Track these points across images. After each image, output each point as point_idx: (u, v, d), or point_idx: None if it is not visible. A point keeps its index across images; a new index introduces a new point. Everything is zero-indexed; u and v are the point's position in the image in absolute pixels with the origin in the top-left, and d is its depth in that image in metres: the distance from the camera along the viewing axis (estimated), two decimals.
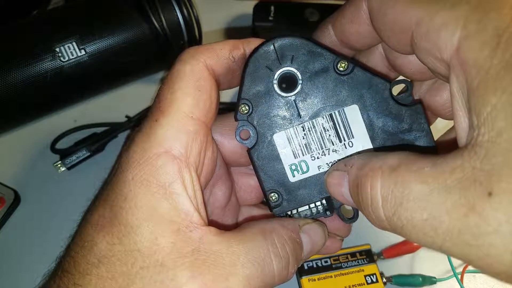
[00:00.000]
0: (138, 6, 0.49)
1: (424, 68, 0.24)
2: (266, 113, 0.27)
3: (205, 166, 0.27)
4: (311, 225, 0.28)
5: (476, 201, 0.16)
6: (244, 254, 0.24)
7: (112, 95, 0.55)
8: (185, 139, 0.24)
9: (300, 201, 0.28)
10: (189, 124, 0.24)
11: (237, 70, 0.27)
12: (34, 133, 0.53)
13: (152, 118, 0.25)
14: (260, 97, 0.27)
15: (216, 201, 0.30)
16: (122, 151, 0.26)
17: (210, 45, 0.27)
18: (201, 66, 0.26)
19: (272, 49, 0.26)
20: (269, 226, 0.26)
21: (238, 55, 0.27)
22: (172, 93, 0.25)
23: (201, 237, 0.23)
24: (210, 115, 0.26)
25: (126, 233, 0.23)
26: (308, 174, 0.27)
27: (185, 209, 0.23)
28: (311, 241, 0.27)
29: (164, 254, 0.22)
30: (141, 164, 0.23)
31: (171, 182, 0.23)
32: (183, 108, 0.24)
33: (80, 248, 0.24)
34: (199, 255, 0.23)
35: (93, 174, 0.50)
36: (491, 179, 0.15)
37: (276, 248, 0.25)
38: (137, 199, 0.23)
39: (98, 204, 0.25)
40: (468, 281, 0.42)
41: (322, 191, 0.27)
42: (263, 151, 0.27)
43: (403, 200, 0.18)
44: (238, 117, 0.27)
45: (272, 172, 0.27)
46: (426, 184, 0.18)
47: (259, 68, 0.26)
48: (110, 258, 0.22)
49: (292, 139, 0.27)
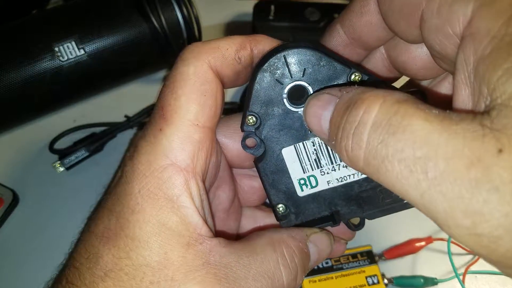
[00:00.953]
0: (137, 5, 0.49)
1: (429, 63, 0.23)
2: (275, 127, 0.26)
3: (209, 170, 0.26)
4: (318, 234, 0.28)
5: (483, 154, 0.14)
6: (254, 267, 0.23)
7: (111, 95, 0.55)
8: (191, 149, 0.24)
9: (308, 215, 0.27)
10: (194, 132, 0.24)
11: (243, 72, 0.26)
12: (33, 133, 0.52)
13: (156, 126, 0.24)
14: (269, 111, 0.26)
15: (220, 204, 0.30)
16: (126, 159, 0.25)
17: (215, 43, 0.25)
18: (205, 67, 0.24)
19: (283, 61, 0.25)
20: (277, 237, 0.26)
21: (245, 56, 0.25)
22: (176, 99, 0.24)
23: (211, 249, 0.23)
24: (216, 119, 0.25)
25: (134, 247, 0.22)
26: (317, 188, 0.27)
27: (194, 222, 0.23)
28: (318, 251, 0.27)
29: (174, 268, 0.22)
30: (148, 177, 0.23)
31: (178, 195, 0.23)
32: (188, 116, 0.24)
33: (85, 260, 0.23)
34: (209, 268, 0.23)
35: (92, 174, 0.50)
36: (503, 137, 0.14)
37: (285, 260, 0.25)
38: (145, 213, 0.23)
39: (102, 214, 0.24)
40: (469, 282, 0.42)
41: (331, 205, 0.27)
42: (272, 165, 0.27)
43: (398, 129, 0.16)
44: (245, 128, 0.26)
45: (281, 186, 0.27)
46: (430, 123, 0.16)
47: (268, 80, 0.25)
48: (118, 272, 0.22)
49: (301, 153, 0.26)
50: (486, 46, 0.16)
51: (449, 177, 0.15)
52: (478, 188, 0.14)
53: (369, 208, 0.27)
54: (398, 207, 0.26)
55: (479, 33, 0.17)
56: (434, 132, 0.15)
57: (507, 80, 0.15)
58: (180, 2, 0.50)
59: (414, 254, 0.43)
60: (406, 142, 0.16)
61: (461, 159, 0.14)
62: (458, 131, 0.15)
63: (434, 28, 0.20)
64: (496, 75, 0.15)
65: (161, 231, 0.22)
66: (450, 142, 0.15)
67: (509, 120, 0.14)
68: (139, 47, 0.50)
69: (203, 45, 0.25)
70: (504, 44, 0.16)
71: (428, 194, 0.15)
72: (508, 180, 0.14)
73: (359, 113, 0.18)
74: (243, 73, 0.26)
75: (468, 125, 0.15)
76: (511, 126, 0.14)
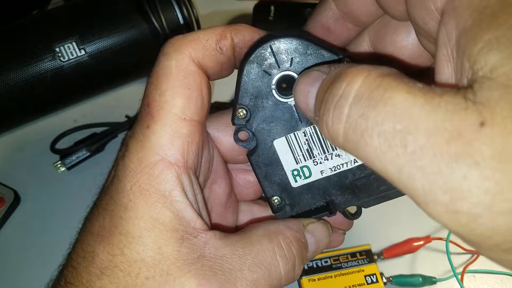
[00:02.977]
0: (138, 6, 0.49)
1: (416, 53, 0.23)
2: (266, 119, 0.26)
3: (203, 164, 0.26)
4: (315, 224, 0.28)
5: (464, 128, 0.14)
6: (250, 258, 0.23)
7: (112, 95, 0.55)
8: (180, 143, 0.23)
9: (303, 205, 0.27)
10: (182, 126, 0.24)
11: (226, 62, 0.26)
12: (34, 133, 0.53)
13: (144, 124, 0.24)
14: (258, 103, 0.26)
15: (217, 199, 0.29)
16: (118, 158, 0.25)
17: (195, 35, 0.25)
18: (186, 60, 0.24)
19: (270, 52, 0.25)
20: (273, 228, 0.26)
21: (226, 46, 0.25)
22: (161, 95, 0.24)
23: (206, 242, 0.23)
24: (204, 112, 0.25)
25: (128, 243, 0.22)
26: (310, 179, 0.27)
27: (187, 216, 0.23)
28: (316, 241, 0.27)
29: (169, 263, 0.22)
30: (138, 174, 0.23)
31: (170, 190, 0.23)
32: (174, 111, 0.23)
33: (81, 259, 0.23)
34: (205, 261, 0.23)
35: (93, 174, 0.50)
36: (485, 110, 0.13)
37: (282, 250, 0.25)
38: (138, 209, 0.23)
39: (97, 213, 0.24)
40: (468, 281, 0.42)
41: (326, 195, 0.27)
42: (264, 157, 0.27)
43: (379, 102, 0.15)
44: (236, 121, 0.26)
45: (274, 178, 0.27)
46: (413, 95, 0.15)
47: (256, 72, 0.25)
48: (113, 269, 0.22)
49: (293, 144, 0.26)
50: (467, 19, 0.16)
51: (428, 151, 0.14)
52: (458, 163, 0.14)
53: (364, 196, 0.27)
54: (393, 194, 0.26)
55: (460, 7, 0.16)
56: (416, 105, 0.15)
57: (488, 52, 0.14)
58: (180, 3, 0.50)
59: (412, 253, 0.43)
60: (387, 114, 0.15)
61: (442, 133, 0.14)
62: (441, 104, 0.14)
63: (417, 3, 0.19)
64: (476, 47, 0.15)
65: (154, 226, 0.22)
66: (432, 115, 0.14)
67: (492, 92, 0.14)
68: (140, 48, 0.50)
69: (183, 38, 0.25)
70: (486, 16, 0.15)
71: (407, 169, 0.15)
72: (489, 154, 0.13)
73: (342, 86, 0.17)
74: (227, 63, 0.26)
75: (451, 98, 0.14)
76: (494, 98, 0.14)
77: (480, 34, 0.15)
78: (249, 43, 0.26)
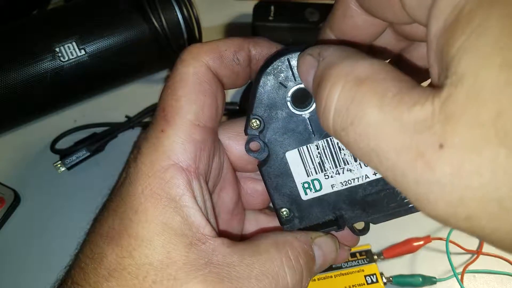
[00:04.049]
0: (138, 6, 0.49)
1: None
2: (279, 131, 0.26)
3: (212, 170, 0.26)
4: (323, 238, 0.27)
5: (426, 150, 0.15)
6: (258, 267, 0.23)
7: (112, 95, 0.55)
8: (193, 149, 0.24)
9: (312, 219, 0.27)
10: (196, 133, 0.24)
11: (241, 73, 0.26)
12: (34, 133, 0.53)
13: (158, 127, 0.24)
14: (272, 114, 0.26)
15: (224, 206, 0.29)
16: (130, 160, 0.25)
17: (214, 44, 0.25)
18: (204, 68, 0.24)
19: (287, 65, 0.25)
20: (282, 238, 0.26)
21: (243, 57, 0.26)
22: (177, 100, 0.24)
23: (214, 249, 0.23)
24: (217, 119, 0.26)
25: (137, 246, 0.22)
26: (321, 192, 0.27)
27: (197, 221, 0.23)
28: (324, 254, 0.27)
29: (177, 267, 0.22)
30: (150, 177, 0.23)
31: (181, 195, 0.23)
32: (189, 117, 0.24)
33: (90, 260, 0.23)
34: (212, 267, 0.22)
35: (93, 174, 0.50)
36: (446, 130, 0.14)
37: (290, 261, 0.25)
38: (148, 213, 0.23)
39: (107, 214, 0.24)
40: (468, 281, 0.42)
41: (335, 209, 0.27)
42: (275, 169, 0.27)
43: (355, 120, 0.17)
44: (249, 131, 0.26)
45: (284, 189, 0.27)
46: (383, 113, 0.16)
47: (272, 83, 0.25)
48: (121, 272, 0.22)
49: (305, 157, 0.26)
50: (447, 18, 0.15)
51: (399, 169, 0.16)
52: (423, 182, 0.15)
53: (374, 212, 0.27)
54: (403, 211, 0.26)
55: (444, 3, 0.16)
56: (385, 123, 0.16)
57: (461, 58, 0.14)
58: (180, 3, 0.50)
59: (412, 253, 0.43)
60: (361, 133, 0.17)
61: (409, 152, 0.15)
62: (409, 120, 0.15)
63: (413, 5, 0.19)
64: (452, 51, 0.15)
65: (164, 231, 0.22)
66: (400, 135, 0.15)
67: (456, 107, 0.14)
68: (140, 48, 0.50)
69: (202, 46, 0.25)
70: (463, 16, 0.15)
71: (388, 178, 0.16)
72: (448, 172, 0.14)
73: (324, 94, 0.19)
74: (242, 74, 0.26)
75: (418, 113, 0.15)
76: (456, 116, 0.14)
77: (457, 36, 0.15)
78: (266, 56, 0.26)
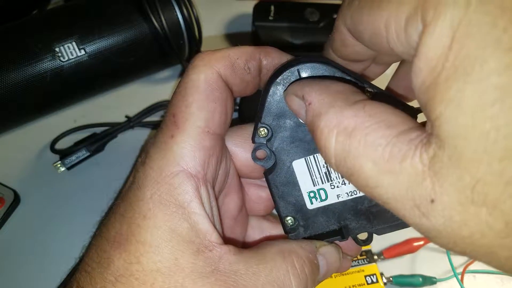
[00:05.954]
0: (138, 6, 0.49)
1: None
2: (286, 140, 0.26)
3: (219, 176, 0.26)
4: (327, 247, 0.28)
5: (421, 202, 0.16)
6: (264, 275, 0.23)
7: (112, 95, 0.55)
8: (202, 156, 0.24)
9: (317, 228, 0.27)
10: (205, 139, 0.24)
11: (251, 81, 0.27)
12: (33, 133, 0.53)
13: (168, 133, 0.24)
14: (280, 123, 0.26)
15: (228, 212, 0.29)
16: (138, 165, 0.25)
17: (225, 52, 0.26)
18: (215, 75, 0.25)
19: (296, 75, 0.25)
20: (287, 247, 0.26)
21: (254, 66, 0.26)
22: (187, 106, 0.24)
23: (221, 256, 0.23)
24: (226, 126, 0.26)
25: (145, 252, 0.22)
26: (326, 202, 0.27)
27: (204, 228, 0.23)
28: (327, 264, 0.27)
29: (184, 275, 0.22)
30: (159, 183, 0.23)
31: (189, 202, 0.23)
32: (199, 123, 0.24)
33: (96, 264, 0.23)
34: (219, 275, 0.23)
35: (93, 174, 0.50)
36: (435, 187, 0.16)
37: (295, 269, 0.25)
38: (156, 219, 0.23)
39: (114, 219, 0.24)
40: (468, 281, 0.42)
41: (340, 219, 0.27)
42: (282, 177, 0.27)
43: (354, 172, 0.18)
44: (256, 139, 0.26)
45: (290, 198, 0.27)
46: (377, 166, 0.17)
47: (281, 93, 0.25)
48: (128, 278, 0.22)
49: (312, 166, 0.26)
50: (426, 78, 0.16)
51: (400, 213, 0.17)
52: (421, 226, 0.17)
53: (379, 223, 0.27)
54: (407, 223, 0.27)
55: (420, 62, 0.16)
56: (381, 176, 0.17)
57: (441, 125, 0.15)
58: (180, 2, 0.50)
59: (412, 254, 0.43)
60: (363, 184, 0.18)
61: (406, 202, 0.17)
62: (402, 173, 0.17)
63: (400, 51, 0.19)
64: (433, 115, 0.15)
65: (172, 237, 0.22)
66: (396, 186, 0.17)
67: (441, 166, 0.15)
68: (140, 48, 0.50)
69: (213, 53, 0.25)
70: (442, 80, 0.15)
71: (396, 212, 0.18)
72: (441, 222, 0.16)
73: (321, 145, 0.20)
74: (252, 83, 0.27)
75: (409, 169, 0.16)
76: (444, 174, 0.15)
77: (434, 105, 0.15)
78: (276, 66, 0.26)
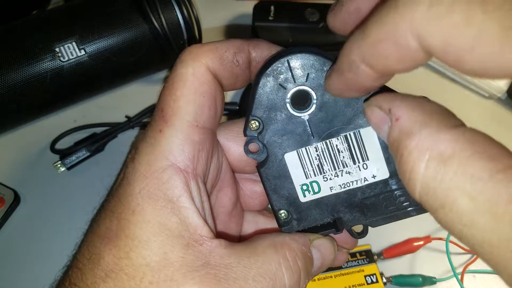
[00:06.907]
0: (138, 6, 0.49)
1: None
2: (278, 132, 0.26)
3: (210, 171, 0.26)
4: (321, 240, 0.27)
5: None
6: (255, 268, 0.23)
7: (112, 95, 0.55)
8: (191, 150, 0.24)
9: (311, 221, 0.27)
10: (194, 133, 0.24)
11: (241, 75, 0.26)
12: (33, 133, 0.53)
13: (156, 128, 0.24)
14: (272, 115, 0.26)
15: (222, 207, 0.29)
16: (128, 161, 0.25)
17: (213, 45, 0.25)
18: (203, 69, 0.24)
19: (286, 66, 0.25)
20: (280, 240, 0.26)
21: (243, 59, 0.25)
22: (175, 101, 0.24)
23: (211, 250, 0.23)
24: (216, 120, 0.25)
25: (134, 247, 0.22)
26: (319, 194, 0.27)
27: (194, 222, 0.23)
28: (322, 256, 0.27)
29: (174, 269, 0.22)
30: (148, 178, 0.23)
31: (178, 196, 0.23)
32: (187, 117, 0.24)
33: (87, 261, 0.23)
34: (209, 269, 0.22)
35: (93, 174, 0.50)
36: None
37: (288, 262, 0.25)
38: (145, 213, 0.23)
39: (104, 215, 0.24)
40: (468, 281, 0.42)
41: (334, 212, 0.27)
42: (274, 170, 0.26)
43: (445, 204, 0.17)
44: (248, 133, 0.26)
45: (283, 191, 0.27)
46: (475, 203, 0.16)
47: (272, 85, 0.25)
48: (118, 273, 0.22)
49: (304, 159, 0.26)
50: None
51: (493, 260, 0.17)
52: None
53: (373, 215, 0.27)
54: (401, 214, 0.26)
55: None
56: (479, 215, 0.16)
57: None
58: (180, 3, 0.50)
59: (412, 254, 0.43)
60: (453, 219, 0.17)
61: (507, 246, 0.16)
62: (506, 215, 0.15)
63: None
64: None
65: (161, 232, 0.22)
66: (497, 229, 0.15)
67: None
68: (140, 48, 0.50)
69: (201, 47, 0.25)
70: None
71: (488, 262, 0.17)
72: None
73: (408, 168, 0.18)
74: (242, 76, 0.26)
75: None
76: None
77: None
78: (266, 58, 0.26)
